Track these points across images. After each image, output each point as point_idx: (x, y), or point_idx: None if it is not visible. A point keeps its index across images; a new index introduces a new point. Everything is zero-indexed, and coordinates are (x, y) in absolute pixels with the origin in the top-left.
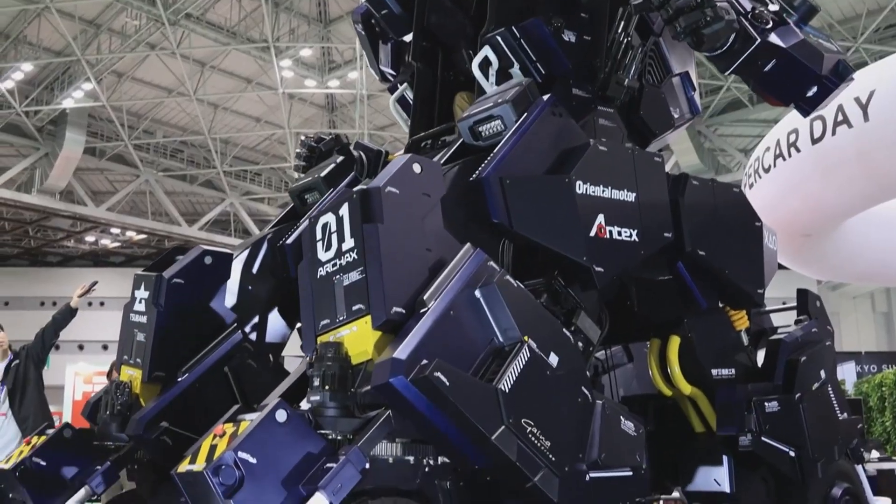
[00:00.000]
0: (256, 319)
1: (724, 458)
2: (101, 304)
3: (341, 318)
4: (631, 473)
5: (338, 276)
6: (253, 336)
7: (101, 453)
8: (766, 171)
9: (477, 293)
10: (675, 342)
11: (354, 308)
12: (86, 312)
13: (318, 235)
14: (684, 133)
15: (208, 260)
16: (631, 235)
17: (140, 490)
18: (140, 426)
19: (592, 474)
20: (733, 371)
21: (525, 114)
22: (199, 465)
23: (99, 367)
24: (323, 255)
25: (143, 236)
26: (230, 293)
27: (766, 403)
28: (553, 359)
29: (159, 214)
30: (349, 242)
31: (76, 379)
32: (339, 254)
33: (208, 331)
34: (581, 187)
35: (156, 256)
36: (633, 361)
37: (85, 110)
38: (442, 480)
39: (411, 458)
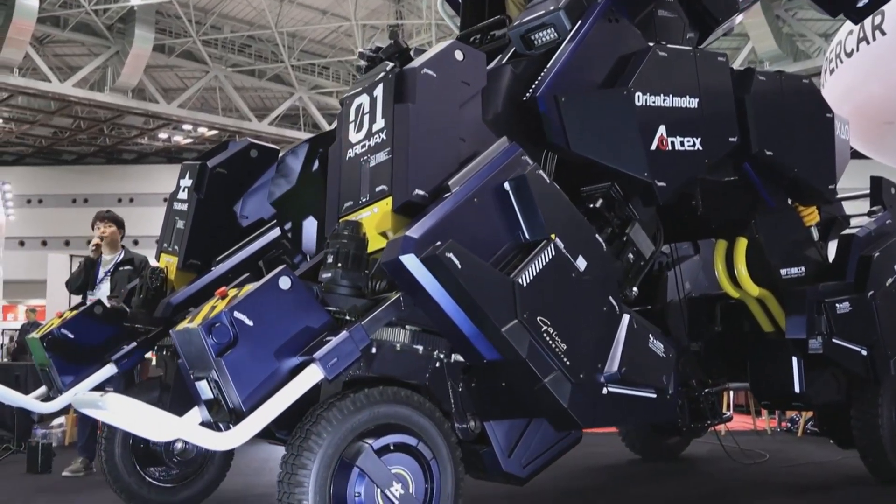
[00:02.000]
0: (297, 220)
1: (794, 359)
2: None
3: (364, 200)
4: (655, 395)
5: (365, 158)
6: (292, 236)
7: (132, 335)
8: (849, 55)
9: (506, 185)
10: (741, 244)
11: (377, 189)
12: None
13: (351, 117)
14: (761, 17)
15: (254, 153)
16: (694, 144)
17: (166, 377)
18: (168, 309)
19: (611, 388)
20: (803, 269)
21: (579, 21)
22: (195, 324)
23: None
24: (353, 137)
25: (214, 132)
26: (274, 189)
27: (837, 305)
28: (581, 262)
29: (229, 110)
30: (380, 123)
31: None
32: (369, 135)
33: (247, 224)
34: (640, 99)
35: None
36: (699, 253)
37: (152, 7)
38: (454, 381)
39: (420, 348)
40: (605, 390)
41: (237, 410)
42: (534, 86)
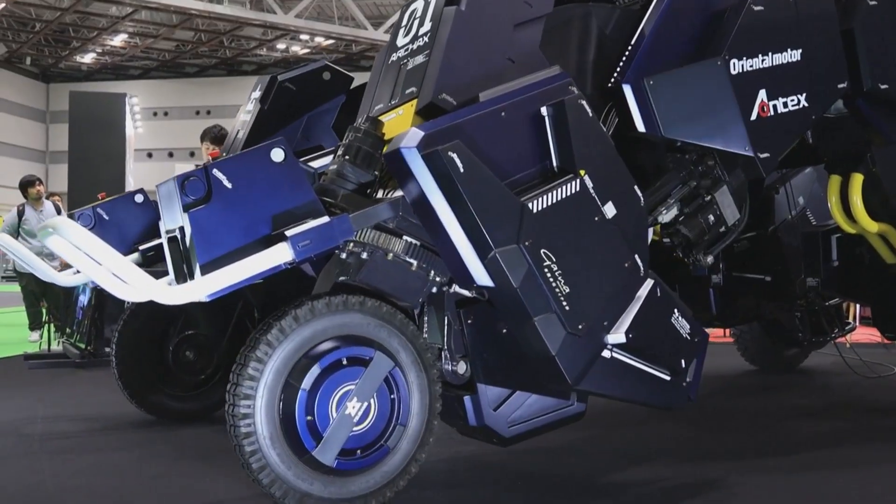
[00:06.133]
0: None
1: None
2: None
3: (394, 102)
4: (668, 378)
5: (405, 61)
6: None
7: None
8: None
9: (543, 110)
10: (857, 180)
11: (407, 91)
12: None
13: (404, 21)
14: None
15: (327, 76)
16: (799, 102)
17: None
18: None
19: (616, 354)
20: None
21: None
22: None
23: None
24: (401, 41)
25: (330, 41)
26: (343, 119)
27: None
28: (609, 209)
29: (346, 19)
30: (426, 26)
31: None
32: (414, 38)
33: (306, 147)
34: (736, 66)
35: (344, 62)
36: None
37: None
38: (451, 315)
39: (414, 263)
40: (607, 353)
41: (193, 270)
42: (619, 67)
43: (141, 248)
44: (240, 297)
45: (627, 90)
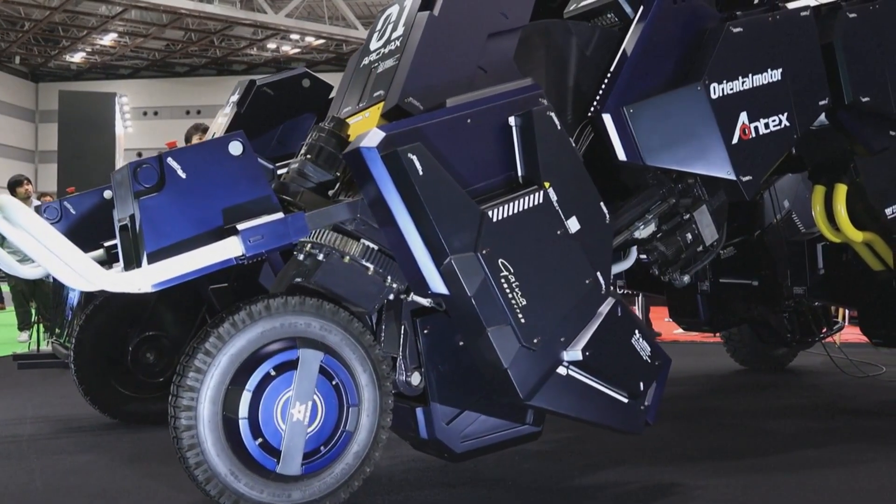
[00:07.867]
0: None
1: None
2: None
3: (362, 105)
4: (626, 400)
5: (376, 65)
6: None
7: None
8: None
9: (511, 120)
10: (841, 191)
11: (375, 94)
12: None
13: (379, 26)
14: None
15: (306, 83)
16: (780, 122)
17: None
18: None
19: (573, 372)
20: None
21: (641, 6)
22: None
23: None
24: (374, 45)
25: (321, 41)
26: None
27: None
28: (573, 224)
29: (336, 19)
30: (399, 31)
31: None
32: (387, 42)
33: (282, 153)
34: (716, 90)
35: (335, 61)
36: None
37: None
38: (408, 324)
39: (371, 267)
40: (563, 370)
41: (140, 258)
42: (598, 95)
43: (106, 244)
44: (204, 300)
45: (608, 119)
